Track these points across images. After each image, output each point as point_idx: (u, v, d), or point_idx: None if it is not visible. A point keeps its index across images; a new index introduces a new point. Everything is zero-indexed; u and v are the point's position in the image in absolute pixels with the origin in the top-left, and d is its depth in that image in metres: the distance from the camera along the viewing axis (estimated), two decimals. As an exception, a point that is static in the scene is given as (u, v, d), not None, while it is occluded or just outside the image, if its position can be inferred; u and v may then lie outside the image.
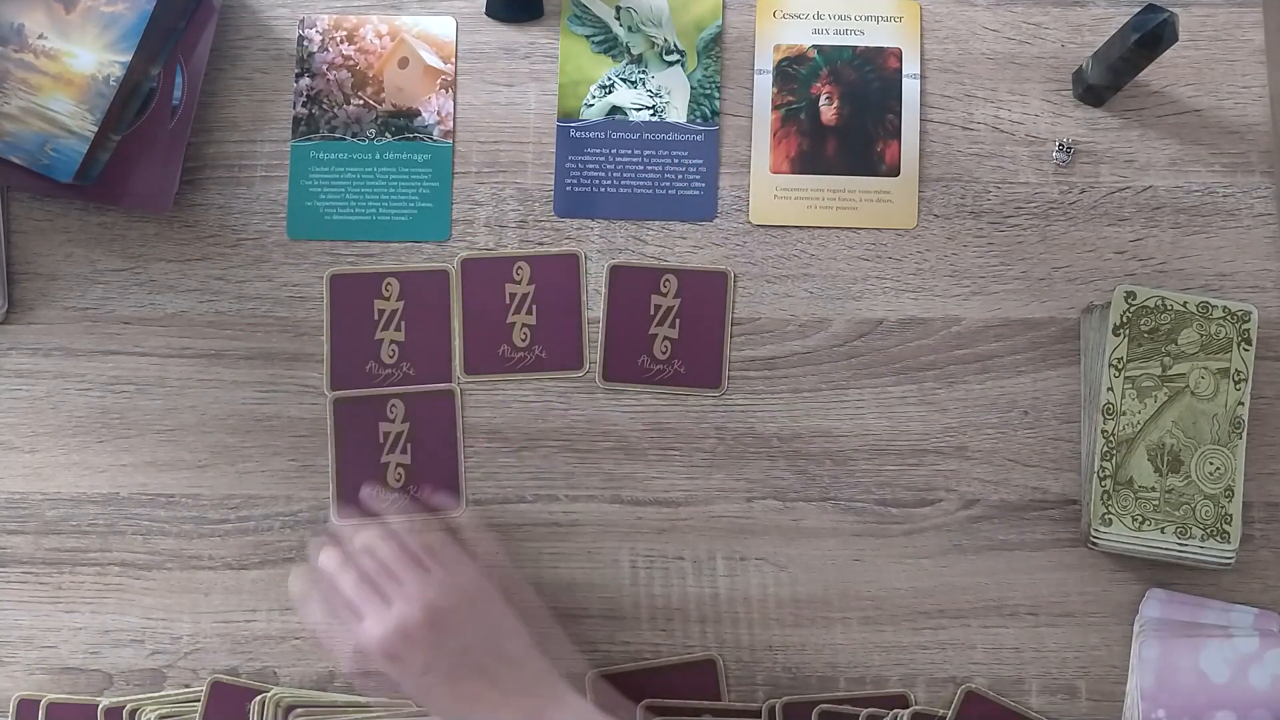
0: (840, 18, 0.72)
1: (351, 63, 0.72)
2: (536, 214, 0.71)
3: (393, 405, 0.69)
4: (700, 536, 0.68)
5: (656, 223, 0.71)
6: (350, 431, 0.69)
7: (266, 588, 0.68)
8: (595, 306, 0.70)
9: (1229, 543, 0.64)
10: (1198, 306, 0.66)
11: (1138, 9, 0.64)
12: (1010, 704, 0.66)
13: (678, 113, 0.71)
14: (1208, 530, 0.64)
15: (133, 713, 0.66)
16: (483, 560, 0.64)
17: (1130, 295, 0.66)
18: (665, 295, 0.70)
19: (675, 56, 0.72)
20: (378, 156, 0.71)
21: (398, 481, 0.68)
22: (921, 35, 0.72)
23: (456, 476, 0.68)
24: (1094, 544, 0.65)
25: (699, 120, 0.71)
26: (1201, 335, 0.66)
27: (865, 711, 0.66)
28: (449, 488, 0.68)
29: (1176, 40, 0.64)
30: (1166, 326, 0.66)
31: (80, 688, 0.68)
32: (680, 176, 0.71)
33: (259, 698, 0.66)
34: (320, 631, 0.63)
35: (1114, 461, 0.65)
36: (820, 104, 0.71)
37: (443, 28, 0.72)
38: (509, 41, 0.72)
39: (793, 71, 0.72)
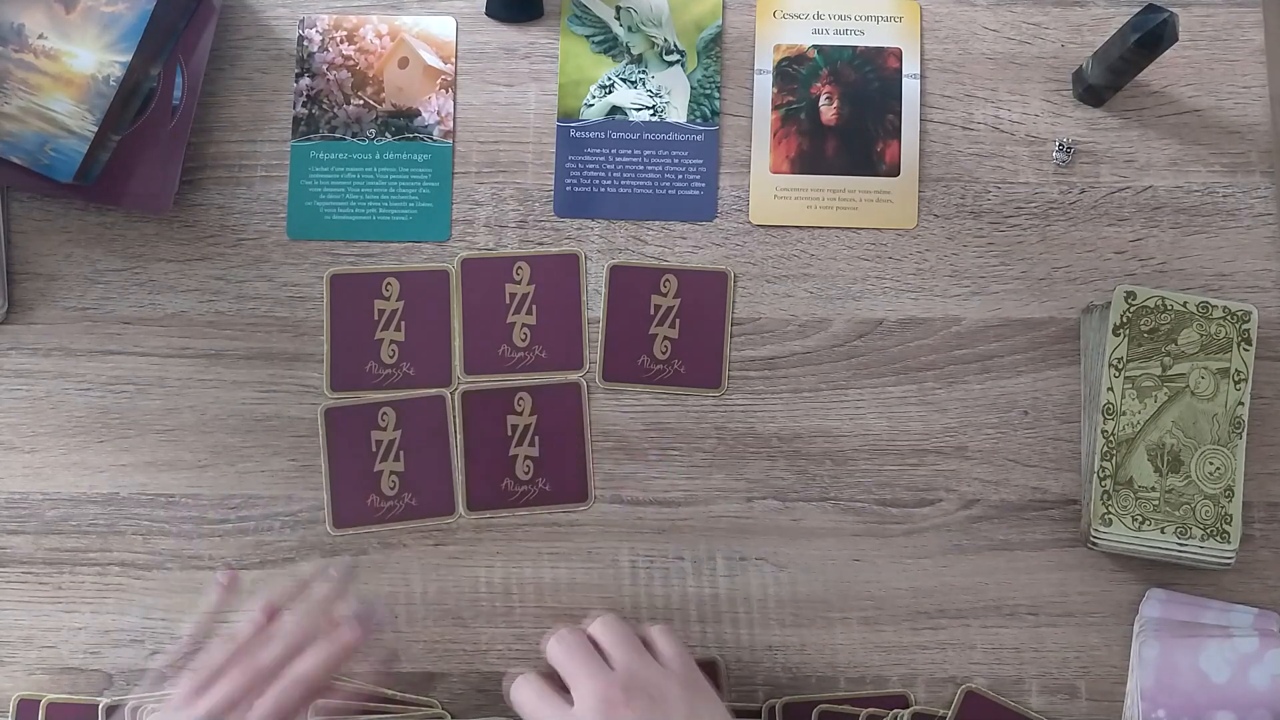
0: (840, 18, 0.72)
1: (351, 63, 0.72)
2: (536, 214, 0.71)
3: (384, 413, 0.69)
4: (700, 536, 0.68)
5: (656, 223, 0.71)
6: (342, 440, 0.68)
7: (266, 588, 0.68)
8: (595, 306, 0.70)
9: (1229, 543, 0.64)
10: (1198, 306, 0.66)
11: (1138, 9, 0.64)
12: (1010, 704, 0.66)
13: (678, 113, 0.71)
14: (1208, 530, 0.64)
15: (133, 711, 0.66)
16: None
17: (1130, 295, 0.66)
18: (665, 295, 0.70)
19: (675, 56, 0.72)
20: (378, 156, 0.71)
21: (392, 489, 0.68)
22: (921, 35, 0.72)
23: (451, 481, 0.68)
24: (1094, 544, 0.65)
25: (699, 120, 0.71)
26: (1201, 335, 0.66)
27: (865, 712, 0.66)
28: (444, 492, 0.68)
29: (1176, 40, 0.64)
30: (1166, 326, 0.66)
31: (80, 688, 0.68)
32: (680, 176, 0.71)
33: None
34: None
35: (1114, 461, 0.65)
36: (820, 104, 0.71)
37: (443, 28, 0.72)
38: (509, 41, 0.72)
39: (793, 71, 0.72)
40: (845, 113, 0.71)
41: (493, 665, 0.67)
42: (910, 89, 0.71)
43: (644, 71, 0.72)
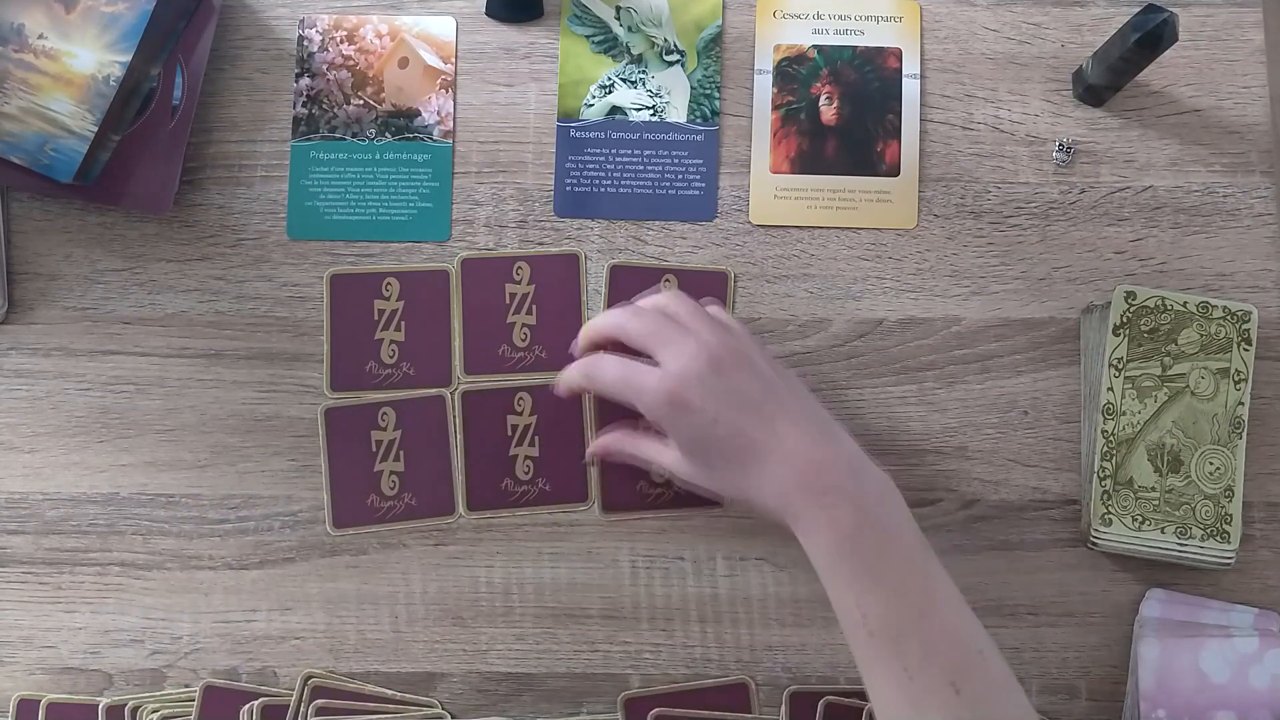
0: (840, 18, 0.72)
1: (351, 63, 0.72)
2: (536, 214, 0.71)
3: (384, 413, 0.69)
4: (700, 536, 0.68)
5: (656, 223, 0.71)
6: (342, 440, 0.68)
7: (266, 588, 0.68)
8: (595, 306, 0.70)
9: (1229, 543, 0.64)
10: (1198, 306, 0.66)
11: (1138, 9, 0.64)
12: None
13: (678, 113, 0.71)
14: (1208, 530, 0.64)
15: (134, 711, 0.66)
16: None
17: (1130, 295, 0.66)
18: (665, 295, 0.70)
19: (675, 56, 0.72)
20: (378, 156, 0.71)
21: (392, 489, 0.68)
22: (921, 35, 0.72)
23: (451, 481, 0.68)
24: (1094, 544, 0.65)
25: (699, 120, 0.71)
26: (1201, 335, 0.66)
27: (868, 707, 0.66)
28: (444, 492, 0.68)
29: (1176, 40, 0.64)
30: (1166, 326, 0.66)
31: (80, 688, 0.68)
32: (680, 176, 0.71)
33: (248, 705, 0.66)
34: (612, 388, 0.60)
35: (1114, 461, 0.65)
36: (820, 104, 0.71)
37: (443, 28, 0.72)
38: (509, 41, 0.72)
39: (793, 71, 0.72)
40: (845, 113, 0.71)
41: (493, 665, 0.67)
42: (910, 89, 0.71)
43: (644, 71, 0.72)
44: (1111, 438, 0.65)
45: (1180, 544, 0.65)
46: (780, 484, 0.57)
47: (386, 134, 0.71)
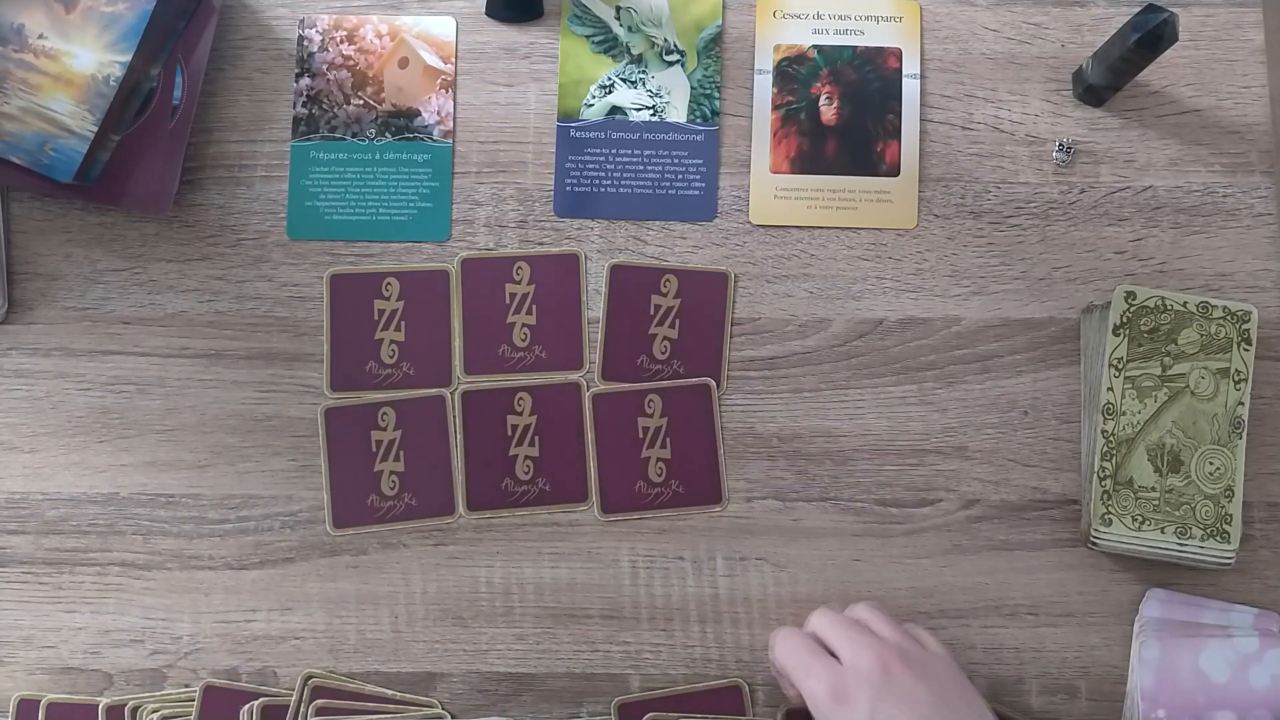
0: (840, 18, 0.72)
1: (351, 63, 0.72)
2: (536, 214, 0.71)
3: (384, 413, 0.69)
4: (700, 536, 0.68)
5: (656, 223, 0.71)
6: (342, 440, 0.68)
7: (266, 588, 0.68)
8: (595, 306, 0.70)
9: (1229, 543, 0.64)
10: (1198, 306, 0.66)
11: (1138, 9, 0.64)
12: (1007, 711, 0.66)
13: (678, 113, 0.71)
14: (1208, 530, 0.64)
15: (134, 711, 0.66)
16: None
17: (1130, 295, 0.66)
18: (665, 295, 0.70)
19: (675, 56, 0.72)
20: (378, 156, 0.71)
21: (392, 489, 0.68)
22: (921, 35, 0.72)
23: (451, 481, 0.68)
24: (1094, 544, 0.65)
25: (699, 120, 0.71)
26: (1201, 335, 0.66)
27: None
28: (444, 492, 0.68)
29: (1176, 40, 0.64)
30: (1166, 326, 0.66)
31: (80, 688, 0.68)
32: (680, 176, 0.71)
33: (248, 705, 0.66)
34: (785, 668, 0.62)
35: (1114, 461, 0.65)
36: (820, 104, 0.71)
37: (443, 28, 0.72)
38: (509, 41, 0.72)
39: (793, 71, 0.72)
40: (845, 113, 0.71)
41: (493, 665, 0.67)
42: (910, 89, 0.71)
43: (644, 71, 0.72)
44: (1111, 438, 0.65)
45: (1180, 544, 0.65)
46: None
47: (386, 134, 0.71)
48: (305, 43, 0.72)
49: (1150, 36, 0.63)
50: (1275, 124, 0.71)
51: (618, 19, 0.72)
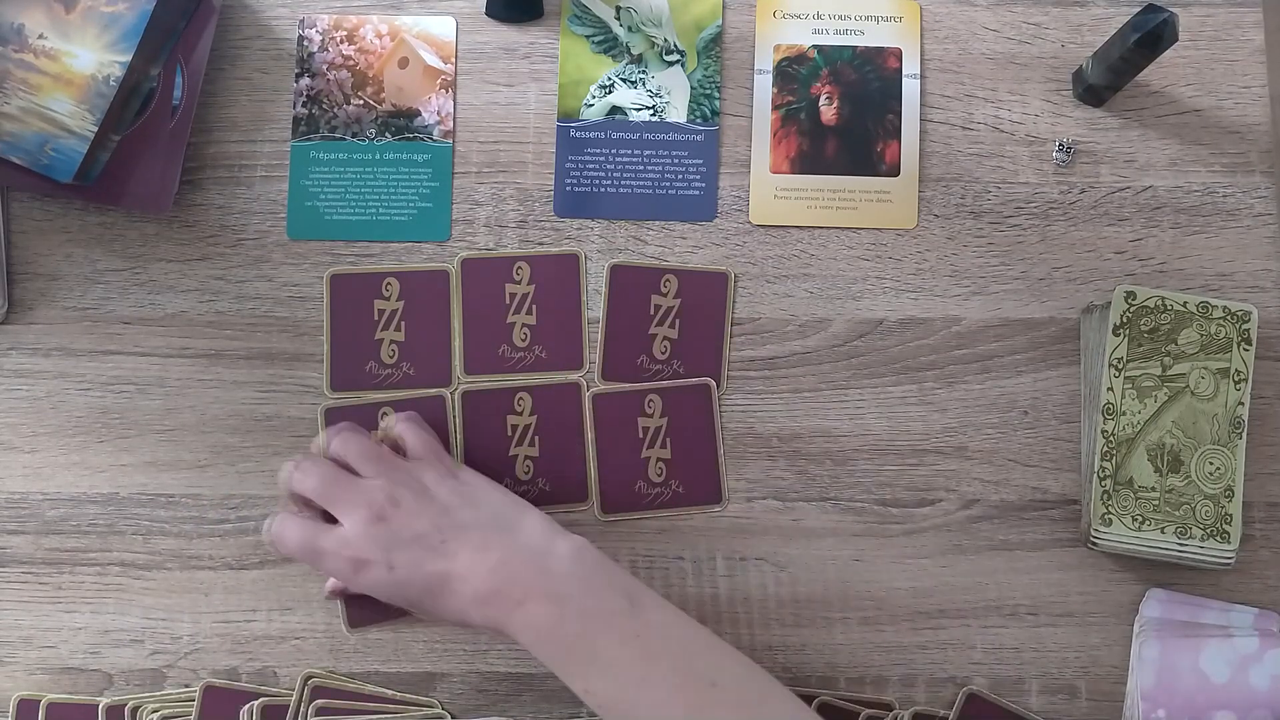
0: (840, 18, 0.72)
1: (351, 63, 0.72)
2: (536, 214, 0.71)
3: (384, 413, 0.69)
4: (700, 536, 0.68)
5: (656, 223, 0.71)
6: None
7: (266, 588, 0.68)
8: (595, 306, 0.70)
9: (1229, 543, 0.64)
10: (1198, 306, 0.66)
11: (1138, 9, 0.64)
12: (1011, 707, 0.66)
13: (678, 113, 0.71)
14: (1208, 530, 0.64)
15: (134, 711, 0.66)
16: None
17: (1130, 295, 0.66)
18: (665, 295, 0.70)
19: (675, 56, 0.72)
20: (378, 156, 0.71)
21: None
22: (921, 35, 0.72)
23: (456, 476, 0.68)
24: (1094, 544, 0.65)
25: (699, 120, 0.71)
26: (1201, 335, 0.66)
27: (865, 712, 0.66)
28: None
29: (1176, 40, 0.64)
30: (1166, 326, 0.66)
31: (80, 688, 0.68)
32: (680, 176, 0.71)
33: (248, 705, 0.66)
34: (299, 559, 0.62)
35: (1114, 461, 0.65)
36: (820, 104, 0.71)
37: (443, 28, 0.72)
38: (509, 41, 0.72)
39: (793, 71, 0.72)
40: (845, 113, 0.71)
41: (493, 665, 0.67)
42: (910, 89, 0.71)
43: (644, 71, 0.72)
44: (1111, 438, 0.65)
45: (1180, 544, 0.65)
46: (473, 602, 0.58)
47: (386, 134, 0.71)
48: (305, 43, 0.72)
49: (1150, 36, 0.63)
50: (1275, 124, 0.71)
51: (618, 19, 0.72)
